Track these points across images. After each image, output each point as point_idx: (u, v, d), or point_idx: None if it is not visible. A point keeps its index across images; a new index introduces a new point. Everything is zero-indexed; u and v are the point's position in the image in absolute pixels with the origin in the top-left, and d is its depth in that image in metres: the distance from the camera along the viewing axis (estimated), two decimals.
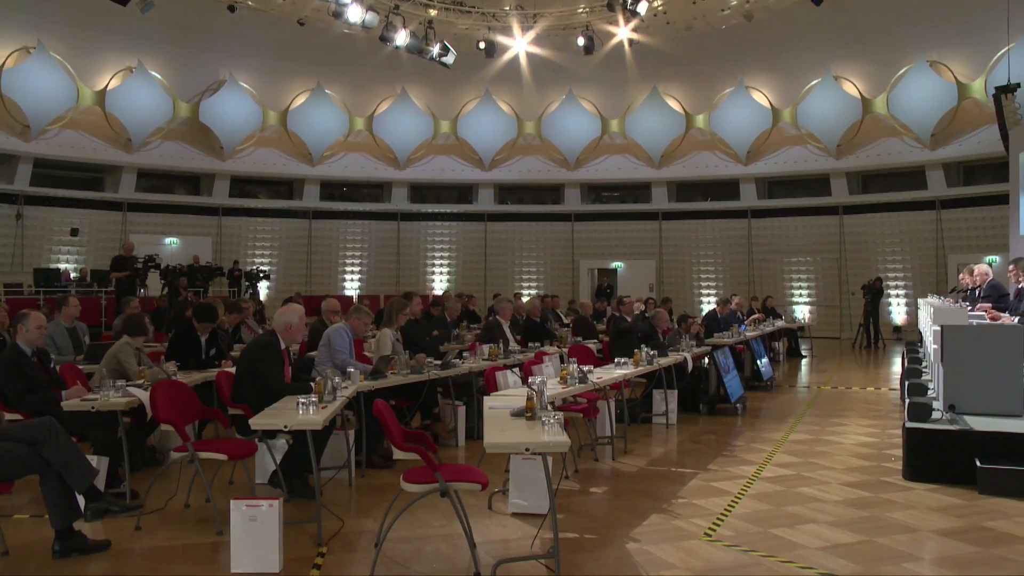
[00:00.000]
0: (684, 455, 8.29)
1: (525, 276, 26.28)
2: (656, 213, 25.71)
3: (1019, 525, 5.52)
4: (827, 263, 24.04)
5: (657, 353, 9.36)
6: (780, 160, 24.43)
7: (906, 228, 22.93)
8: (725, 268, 25.22)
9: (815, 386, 13.49)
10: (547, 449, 4.73)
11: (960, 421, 6.95)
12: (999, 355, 7.24)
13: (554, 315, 14.50)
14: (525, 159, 26.21)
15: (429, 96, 25.43)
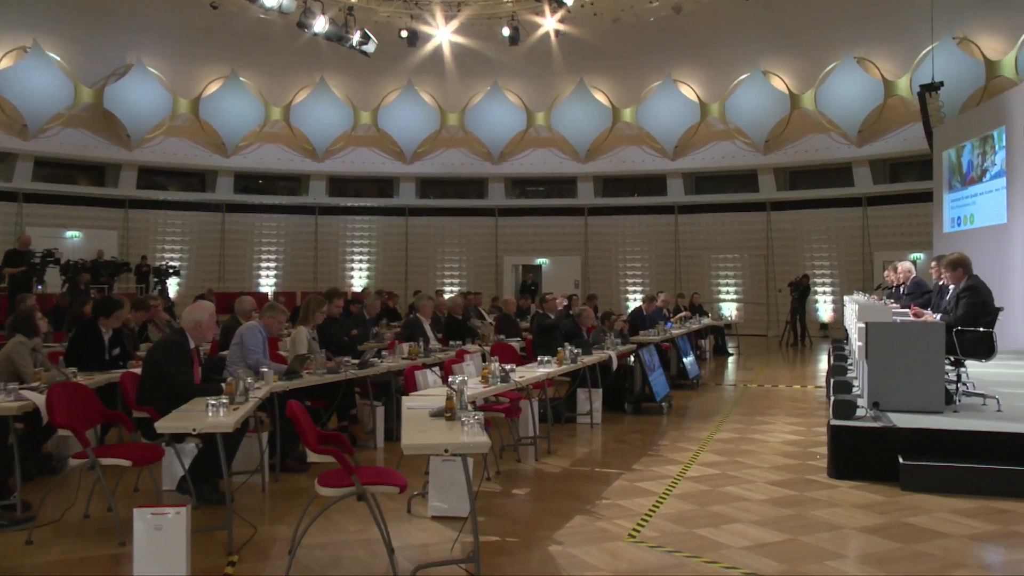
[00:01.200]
0: (608, 455, 8.37)
1: (447, 273, 26.22)
2: (582, 208, 25.93)
3: (939, 520, 5.71)
4: (754, 260, 24.56)
5: (581, 351, 9.43)
6: (708, 155, 24.87)
7: (833, 225, 23.57)
8: (651, 265, 25.56)
9: (741, 384, 13.76)
10: (467, 450, 4.71)
11: (884, 418, 7.16)
12: (921, 352, 7.48)
13: (476, 313, 14.49)
14: (448, 152, 26.13)
15: (349, 86, 25.16)
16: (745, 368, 16.39)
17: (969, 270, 8.08)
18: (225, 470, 5.50)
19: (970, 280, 7.97)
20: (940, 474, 6.45)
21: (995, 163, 15.89)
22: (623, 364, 10.94)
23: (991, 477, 6.34)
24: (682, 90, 24.46)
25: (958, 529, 5.52)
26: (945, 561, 4.95)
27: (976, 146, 16.71)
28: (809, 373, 15.32)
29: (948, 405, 7.55)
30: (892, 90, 21.93)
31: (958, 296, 7.92)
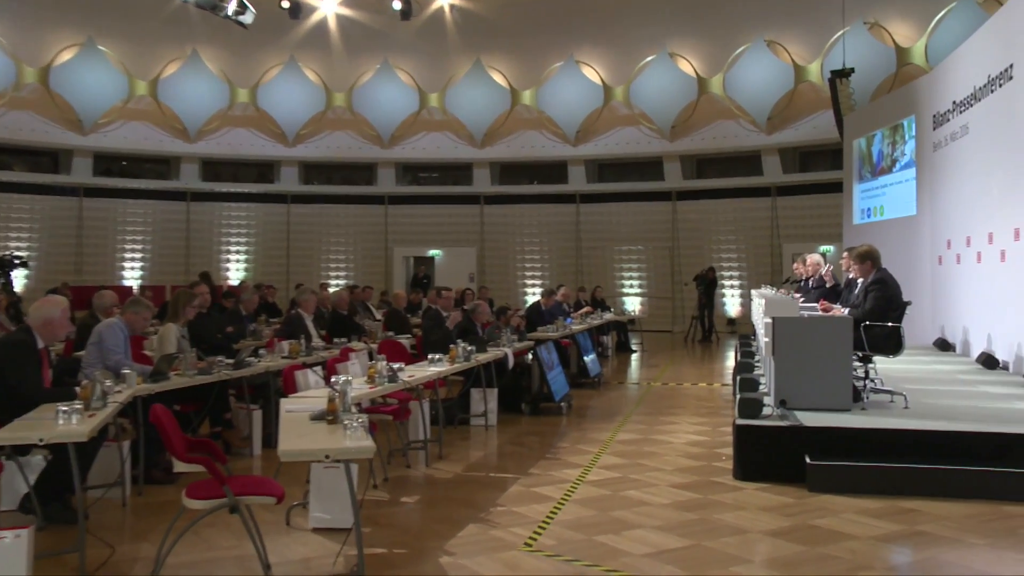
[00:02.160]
0: (504, 459, 8.41)
1: (333, 265, 25.89)
2: (478, 196, 25.97)
3: (846, 522, 5.92)
4: (659, 252, 25.02)
5: (475, 349, 9.44)
6: (611, 142, 25.22)
7: (741, 216, 24.21)
8: (551, 257, 25.80)
9: (645, 382, 14.01)
10: (350, 455, 4.66)
11: (791, 417, 7.39)
12: (829, 348, 7.74)
13: (364, 308, 14.37)
14: (334, 134, 25.79)
15: (224, 60, 24.55)
16: (649, 365, 16.68)
17: (878, 263, 8.40)
18: (78, 484, 5.30)
19: (878, 273, 8.29)
20: (847, 474, 6.68)
21: (905, 153, 16.57)
22: (520, 362, 11.00)
23: (898, 476, 6.61)
24: (585, 72, 24.71)
25: (865, 530, 5.74)
26: (852, 564, 5.13)
27: (886, 135, 17.40)
28: (716, 370, 15.69)
29: (856, 403, 7.83)
30: (803, 75, 22.63)
31: (866, 290, 8.23)
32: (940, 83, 14.58)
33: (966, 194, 12.88)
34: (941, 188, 14.27)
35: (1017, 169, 10.72)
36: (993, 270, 11.50)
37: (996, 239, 11.42)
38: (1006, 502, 6.28)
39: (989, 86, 11.87)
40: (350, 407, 5.35)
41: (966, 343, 12.70)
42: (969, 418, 7.46)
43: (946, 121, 13.97)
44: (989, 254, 11.71)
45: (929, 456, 6.76)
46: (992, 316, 11.59)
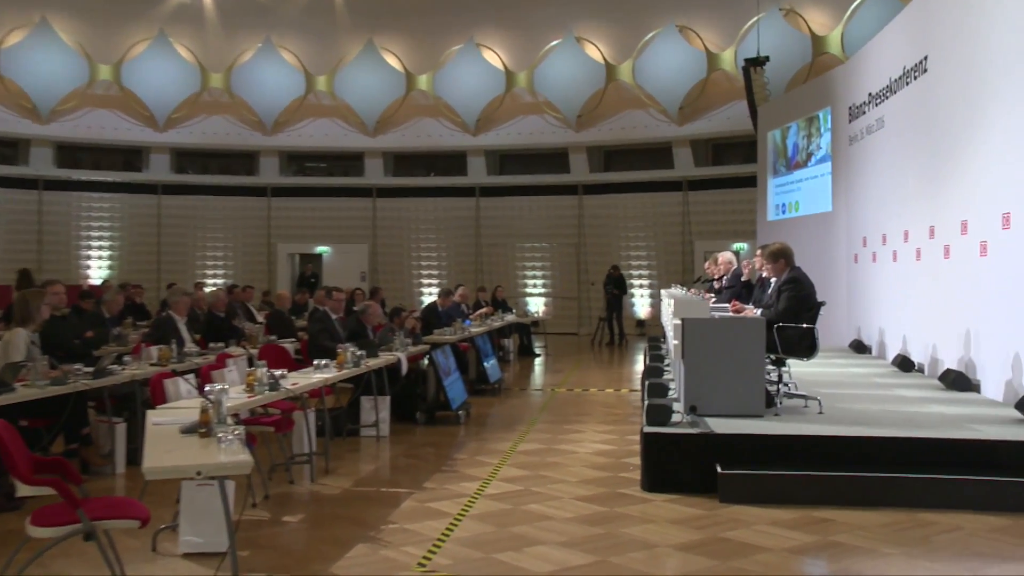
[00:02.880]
0: (397, 472, 8.36)
1: (209, 262, 25.38)
2: (370, 189, 25.80)
3: (758, 534, 6.04)
4: (565, 249, 25.26)
5: (366, 353, 9.35)
6: (514, 131, 25.34)
7: (651, 211, 24.60)
8: (449, 254, 25.80)
9: (549, 389, 14.09)
10: (225, 471, 4.55)
11: (701, 423, 7.51)
12: (741, 351, 7.88)
13: (244, 309, 14.13)
14: (210, 119, 25.28)
15: (82, 32, 23.80)
16: (553, 371, 16.80)
17: (791, 261, 8.60)
18: None
19: (792, 272, 8.48)
20: (759, 483, 6.82)
21: (820, 146, 17.06)
22: (415, 368, 10.94)
23: (812, 485, 6.77)
24: (486, 56, 24.77)
25: (778, 542, 5.86)
26: None
27: (802, 127, 17.88)
28: (624, 375, 15.89)
29: (769, 408, 8.01)
30: (716, 64, 23.09)
31: (779, 289, 8.42)
32: (856, 74, 15.05)
33: (882, 190, 13.32)
34: (857, 183, 14.73)
35: (932, 165, 11.13)
36: (908, 269, 11.92)
37: (911, 237, 11.84)
38: (921, 509, 6.49)
39: (904, 78, 12.29)
40: (226, 418, 5.23)
41: (882, 345, 13.14)
42: (884, 423, 7.70)
43: (862, 114, 14.43)
44: (904, 252, 12.13)
45: (844, 463, 6.95)
46: (907, 317, 12.02)
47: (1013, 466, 6.77)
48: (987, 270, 9.34)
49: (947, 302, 10.48)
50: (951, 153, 10.49)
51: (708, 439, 7.19)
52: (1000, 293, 8.98)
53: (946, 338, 10.51)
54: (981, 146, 9.63)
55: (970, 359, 9.77)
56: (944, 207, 10.67)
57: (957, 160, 10.30)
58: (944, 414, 8.25)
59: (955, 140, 10.38)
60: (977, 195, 9.67)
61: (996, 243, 9.12)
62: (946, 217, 10.58)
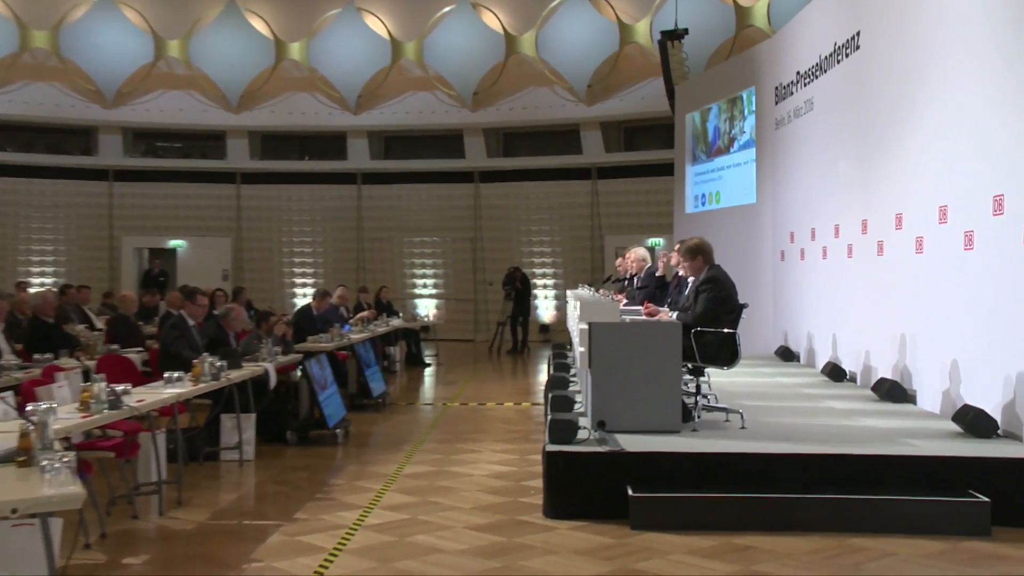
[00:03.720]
0: (264, 502, 8.27)
1: (35, 258, 24.65)
2: (233, 174, 25.43)
3: (674, 564, 6.11)
4: (460, 244, 25.30)
5: (227, 364, 9.19)
6: (401, 110, 25.22)
7: (556, 201, 24.76)
8: (327, 249, 25.60)
9: (441, 403, 14.10)
10: (49, 507, 4.39)
11: (611, 441, 7.56)
12: (655, 359, 7.98)
13: (79, 313, 13.82)
14: (34, 87, 24.45)
15: None
16: (446, 382, 16.83)
17: (710, 258, 8.73)
18: None
19: (711, 271, 8.61)
20: (675, 507, 6.90)
21: (744, 131, 17.38)
22: (285, 380, 10.82)
23: (734, 508, 6.87)
24: (368, 22, 24.60)
25: (696, 572, 5.94)
26: None
27: (724, 109, 18.19)
28: (526, 387, 15.99)
29: (686, 423, 8.11)
30: (629, 36, 23.25)
31: (697, 290, 8.55)
32: (783, 50, 15.34)
33: (811, 180, 13.62)
34: (784, 172, 15.05)
35: (865, 152, 11.41)
36: (839, 267, 12.22)
37: (842, 232, 12.14)
38: (852, 534, 6.64)
39: (835, 55, 12.58)
40: (52, 443, 5.07)
41: (811, 352, 13.44)
42: (813, 439, 7.87)
43: (789, 95, 14.73)
44: (835, 249, 12.43)
45: (768, 484, 7.07)
46: (838, 321, 12.31)
47: (951, 485, 6.95)
48: (923, 269, 9.58)
49: (881, 304, 10.75)
50: (885, 139, 10.76)
51: (618, 458, 7.25)
52: (937, 294, 9.22)
53: (880, 344, 10.79)
54: (917, 131, 9.88)
55: (906, 367, 10.04)
56: (877, 199, 10.95)
57: (891, 147, 10.56)
58: (877, 428, 8.48)
59: (889, 124, 10.64)
60: (913, 186, 9.91)
61: (933, 239, 9.35)
62: (880, 210, 10.84)
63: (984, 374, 8.29)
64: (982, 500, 6.68)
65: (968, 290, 8.59)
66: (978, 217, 8.41)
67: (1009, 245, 7.90)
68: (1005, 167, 8.04)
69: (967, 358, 8.64)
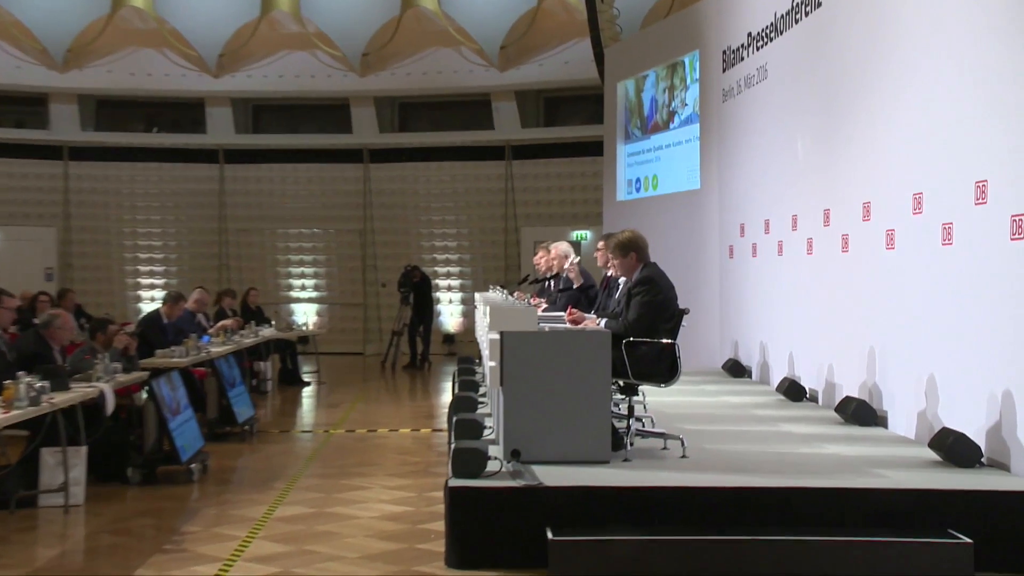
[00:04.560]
0: (96, 557, 8.13)
1: None
2: (60, 147, 25.04)
3: None
4: (346, 237, 25.27)
5: (50, 385, 9.02)
6: (273, 73, 24.98)
7: (463, 186, 24.84)
8: (180, 242, 25.40)
9: (322, 430, 14.04)
10: None
11: (527, 474, 7.54)
12: (579, 375, 7.99)
13: None
14: None
15: None
16: (329, 405, 16.79)
17: (645, 255, 8.76)
18: None
19: (646, 270, 8.64)
20: (603, 552, 6.87)
21: (686, 103, 17.52)
22: (126, 404, 10.67)
23: (671, 552, 6.86)
24: None
25: None
26: None
27: (662, 77, 18.32)
28: (427, 409, 16.00)
29: (616, 452, 8.11)
30: None
31: (629, 292, 8.58)
32: (732, 8, 15.48)
33: (764, 161, 13.76)
34: (733, 152, 15.18)
35: (828, 129, 11.52)
36: (797, 266, 12.37)
37: (801, 223, 12.27)
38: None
39: (793, 14, 12.71)
40: None
41: (765, 366, 13.58)
42: (766, 469, 7.92)
43: (739, 60, 14.88)
44: (792, 244, 12.58)
45: (714, 523, 7.09)
46: (796, 329, 12.45)
47: (928, 523, 7.02)
48: (895, 268, 9.66)
49: (846, 309, 10.86)
50: (851, 113, 10.84)
51: (536, 495, 7.23)
52: (912, 298, 9.29)
53: (845, 357, 10.92)
54: (890, 104, 9.94)
55: (875, 385, 10.17)
56: (842, 185, 11.03)
57: (859, 122, 10.65)
58: (842, 456, 8.57)
59: (856, 95, 10.71)
60: (883, 169, 9.99)
61: (906, 232, 9.43)
62: (844, 198, 10.94)
63: (966, 392, 8.36)
64: (964, 541, 6.72)
65: (948, 293, 8.64)
66: (958, 206, 8.46)
67: (994, 239, 7.92)
68: (989, 147, 8.06)
69: (946, 373, 8.71)
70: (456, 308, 24.78)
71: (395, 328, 22.53)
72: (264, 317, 19.23)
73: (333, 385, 19.25)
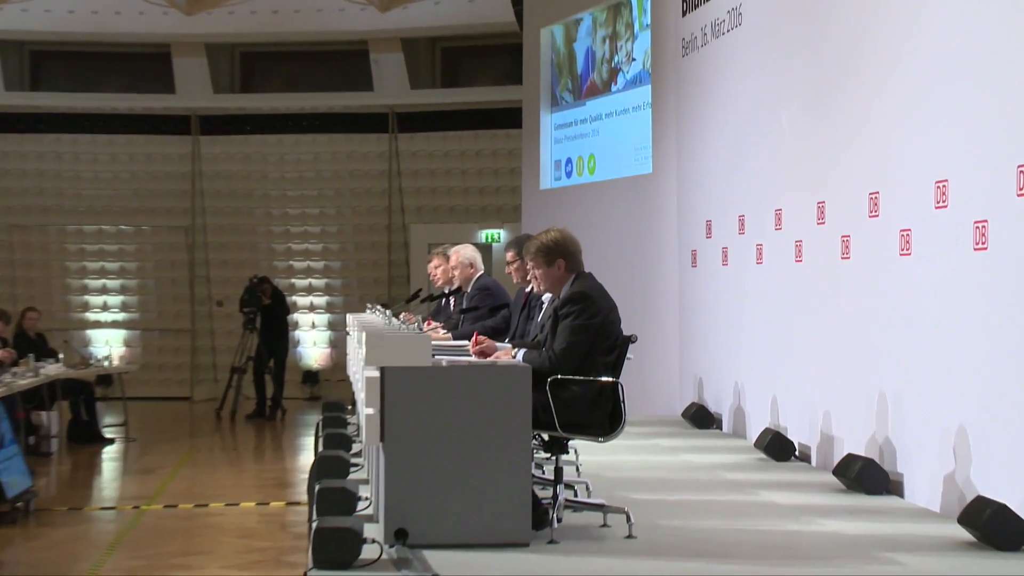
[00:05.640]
0: None
1: None
2: None
3: None
4: (168, 238, 25.16)
5: None
6: (61, 8, 24.68)
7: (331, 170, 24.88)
8: None
9: (131, 506, 13.92)
10: None
11: (416, 562, 7.57)
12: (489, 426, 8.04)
13: None
14: None
15: None
16: (141, 471, 16.67)
17: (577, 264, 8.81)
18: None
19: (578, 283, 8.69)
20: None
21: (634, 57, 17.61)
22: None
23: None
24: None
25: None
26: None
27: (601, 23, 18.42)
28: (278, 475, 15.98)
29: (539, 530, 8.16)
30: None
31: (556, 313, 8.61)
32: None
33: (737, 138, 13.86)
34: (696, 125, 15.26)
35: (823, 94, 11.59)
36: (782, 278, 12.46)
37: (787, 220, 12.34)
38: None
39: None
40: None
41: (739, 412, 13.65)
42: (742, 553, 8.00)
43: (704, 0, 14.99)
44: (775, 248, 12.66)
45: None
46: (781, 363, 12.53)
47: None
48: (911, 282, 9.67)
49: (849, 338, 10.91)
50: (857, 72, 10.89)
51: None
52: (936, 322, 9.27)
53: (847, 402, 10.96)
54: (910, 59, 9.94)
55: (887, 439, 10.21)
56: (842, 170, 11.09)
57: (866, 86, 10.70)
58: (844, 535, 8.65)
59: (865, 48, 10.78)
60: (898, 149, 10.01)
61: (927, 231, 9.42)
62: (845, 187, 10.98)
63: (1007, 450, 8.36)
64: None
65: (984, 315, 8.59)
66: (999, 197, 8.35)
67: None
68: None
69: (981, 425, 8.69)
70: (321, 335, 24.72)
71: (236, 363, 22.39)
72: (48, 348, 19.07)
73: (147, 443, 19.09)
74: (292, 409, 22.45)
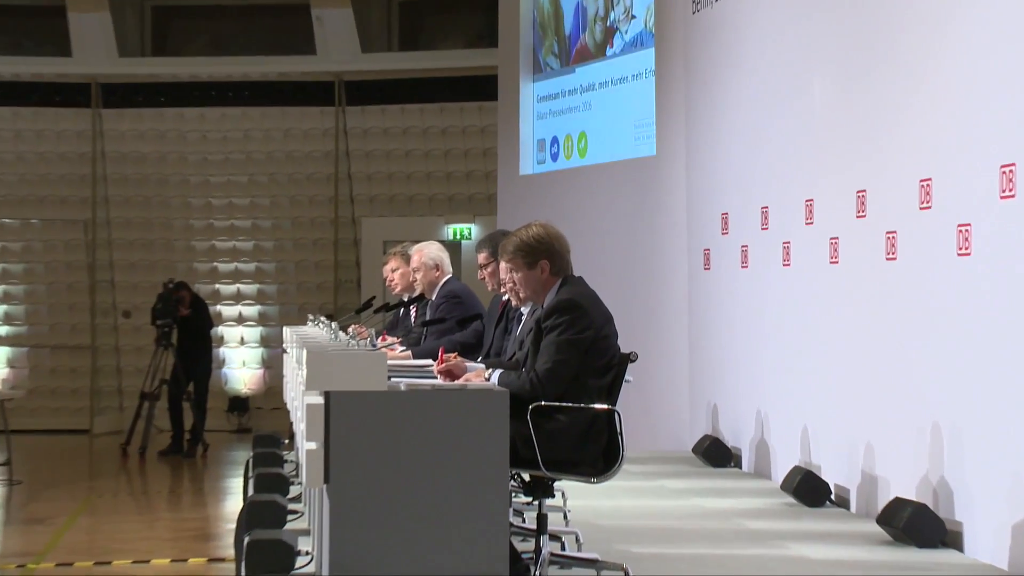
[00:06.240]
0: None
1: None
2: None
3: None
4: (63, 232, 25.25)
5: None
6: None
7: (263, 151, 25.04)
8: None
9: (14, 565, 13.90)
10: None
11: None
12: (460, 464, 8.08)
13: None
14: None
15: None
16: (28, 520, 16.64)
17: (564, 266, 8.86)
18: None
19: (566, 290, 8.74)
20: None
21: (634, 15, 17.67)
22: None
23: None
24: None
25: None
26: None
27: None
28: (198, 525, 15.98)
29: None
30: None
31: (539, 326, 8.65)
32: None
33: (759, 113, 13.91)
34: (709, 97, 15.34)
35: (862, 64, 11.59)
36: (814, 282, 12.51)
37: (819, 213, 12.39)
38: None
39: None
40: None
41: (762, 446, 13.71)
42: None
43: None
44: (804, 245, 12.72)
45: None
46: (812, 389, 12.57)
47: None
48: (976, 287, 9.59)
49: (895, 357, 10.92)
50: (905, 34, 10.94)
51: None
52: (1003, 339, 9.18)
53: (893, 435, 10.96)
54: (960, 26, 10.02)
55: (942, 480, 10.21)
56: (887, 150, 11.12)
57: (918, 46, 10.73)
58: None
59: (908, 14, 10.91)
60: (955, 126, 9.97)
61: (988, 226, 9.39)
62: (891, 172, 11.00)
63: None
64: None
65: None
66: None
67: None
68: None
69: None
70: (251, 353, 24.77)
71: (146, 388, 22.41)
72: None
73: (36, 486, 19.13)
74: (215, 444, 22.47)
